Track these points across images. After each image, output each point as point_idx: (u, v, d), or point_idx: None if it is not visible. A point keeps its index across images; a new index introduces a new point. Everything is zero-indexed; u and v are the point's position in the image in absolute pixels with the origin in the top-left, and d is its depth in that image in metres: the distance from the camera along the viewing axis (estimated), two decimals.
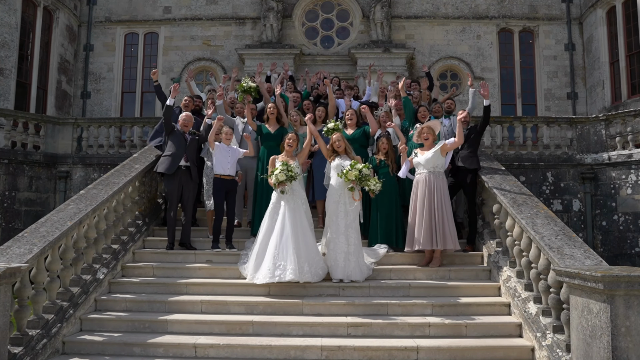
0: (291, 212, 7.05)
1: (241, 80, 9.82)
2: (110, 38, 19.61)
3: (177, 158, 8.06)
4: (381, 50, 17.95)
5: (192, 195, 8.25)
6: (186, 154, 8.12)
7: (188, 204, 8.19)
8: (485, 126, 8.43)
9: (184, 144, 8.15)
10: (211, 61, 19.21)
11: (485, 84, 8.28)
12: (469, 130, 8.31)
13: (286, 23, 18.95)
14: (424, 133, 7.74)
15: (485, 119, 8.34)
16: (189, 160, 8.16)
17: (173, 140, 8.19)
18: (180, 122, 8.31)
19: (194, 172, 8.20)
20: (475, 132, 8.29)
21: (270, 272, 6.79)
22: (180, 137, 8.18)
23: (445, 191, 7.53)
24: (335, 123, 7.98)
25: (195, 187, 8.33)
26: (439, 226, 7.36)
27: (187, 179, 8.15)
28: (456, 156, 8.28)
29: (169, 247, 8.07)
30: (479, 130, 8.32)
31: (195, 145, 8.37)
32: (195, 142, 8.34)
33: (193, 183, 8.24)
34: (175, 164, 8.03)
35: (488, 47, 18.77)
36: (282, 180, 7.01)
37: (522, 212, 6.64)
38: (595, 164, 12.50)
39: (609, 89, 17.34)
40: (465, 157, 8.16)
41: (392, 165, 8.06)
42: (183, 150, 8.11)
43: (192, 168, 8.17)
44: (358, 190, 7.08)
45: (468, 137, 8.24)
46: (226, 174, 8.07)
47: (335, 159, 7.41)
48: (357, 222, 7.25)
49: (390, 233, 7.97)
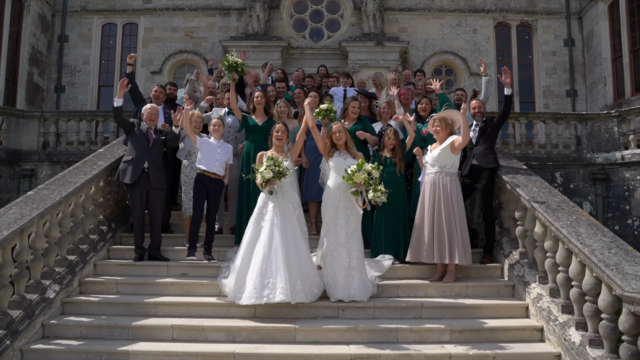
0: (281, 218, 5.80)
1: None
2: (86, 28, 18.14)
3: (139, 163, 6.75)
4: (373, 43, 16.75)
5: (160, 202, 6.94)
6: (148, 156, 6.80)
7: (155, 213, 6.89)
8: (504, 119, 7.22)
9: (146, 145, 6.85)
10: (194, 54, 17.84)
11: (507, 70, 7.11)
12: (484, 123, 7.11)
13: (273, 14, 17.65)
14: (434, 125, 6.53)
15: (506, 111, 7.14)
16: (152, 163, 6.82)
17: (133, 142, 6.88)
18: (145, 115, 6.99)
19: (155, 178, 6.82)
20: (493, 125, 7.09)
21: (257, 292, 5.53)
22: (142, 138, 6.87)
23: (457, 196, 6.32)
24: (329, 105, 6.64)
25: (162, 193, 7.01)
26: (448, 238, 6.16)
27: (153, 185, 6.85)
28: (470, 153, 7.08)
29: (137, 258, 6.77)
30: (497, 123, 7.12)
31: (161, 144, 7.03)
32: (161, 142, 7.00)
33: (159, 190, 6.92)
34: (137, 171, 6.73)
35: (484, 41, 17.65)
36: (269, 179, 5.76)
37: (559, 218, 5.45)
38: (607, 163, 11.42)
39: (611, 86, 16.29)
40: (481, 154, 6.96)
41: (400, 163, 6.84)
42: (145, 152, 6.81)
43: (152, 173, 6.81)
44: (364, 197, 5.84)
45: (484, 131, 7.05)
46: (212, 171, 6.78)
47: (333, 155, 6.15)
48: (359, 231, 6.01)
49: (397, 242, 6.75)
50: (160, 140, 6.94)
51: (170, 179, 7.66)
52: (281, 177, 5.79)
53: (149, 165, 6.76)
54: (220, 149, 6.85)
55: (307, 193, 7.47)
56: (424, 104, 7.64)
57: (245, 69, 7.47)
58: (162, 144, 6.99)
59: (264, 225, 5.83)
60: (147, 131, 6.89)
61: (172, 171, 7.62)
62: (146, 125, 6.90)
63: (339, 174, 5.93)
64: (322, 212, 6.13)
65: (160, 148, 6.98)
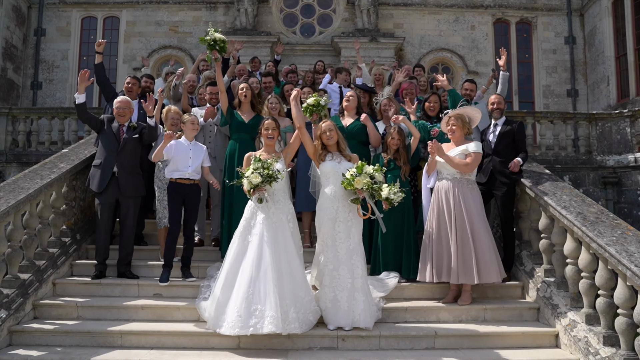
0: (272, 232, 4.87)
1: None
2: (64, 22, 17.03)
3: (107, 168, 5.83)
4: (367, 39, 15.84)
5: (133, 212, 5.98)
6: (117, 160, 5.86)
7: (126, 224, 5.94)
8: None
9: (115, 146, 5.90)
10: (178, 49, 16.83)
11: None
12: (505, 124, 6.18)
13: (262, 8, 16.69)
14: (449, 124, 5.63)
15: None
16: (123, 167, 5.88)
17: (103, 143, 5.95)
18: (115, 110, 6.04)
19: (126, 184, 5.89)
20: (515, 124, 6.17)
21: (242, 320, 4.60)
22: (111, 138, 5.93)
23: (476, 206, 5.42)
24: (316, 99, 5.61)
25: (136, 202, 6.05)
26: (476, 254, 5.26)
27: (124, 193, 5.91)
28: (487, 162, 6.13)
29: (96, 275, 5.81)
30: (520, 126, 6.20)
31: (135, 144, 6.06)
32: (135, 141, 6.03)
33: (133, 198, 5.97)
34: (106, 177, 5.81)
35: (483, 38, 16.81)
36: (257, 184, 4.83)
37: (602, 234, 4.57)
38: (618, 166, 10.62)
39: (614, 86, 15.52)
40: (501, 165, 6.04)
41: (405, 167, 5.94)
42: (114, 155, 5.87)
43: (124, 178, 5.87)
44: (368, 203, 4.92)
45: (505, 136, 6.10)
46: (185, 177, 5.83)
47: (325, 159, 5.18)
48: (362, 245, 5.09)
49: (401, 257, 5.84)
50: (133, 139, 5.97)
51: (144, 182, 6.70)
52: (272, 181, 4.87)
53: (119, 170, 5.82)
54: (193, 150, 5.89)
55: (300, 201, 6.54)
56: (432, 102, 6.66)
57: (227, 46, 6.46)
58: (136, 143, 6.02)
59: (252, 241, 4.89)
60: (119, 129, 5.94)
61: (146, 175, 6.67)
62: (116, 125, 5.95)
63: (335, 181, 5.00)
64: (316, 225, 5.19)
65: (135, 148, 6.02)
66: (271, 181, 4.86)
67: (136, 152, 6.04)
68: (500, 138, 6.05)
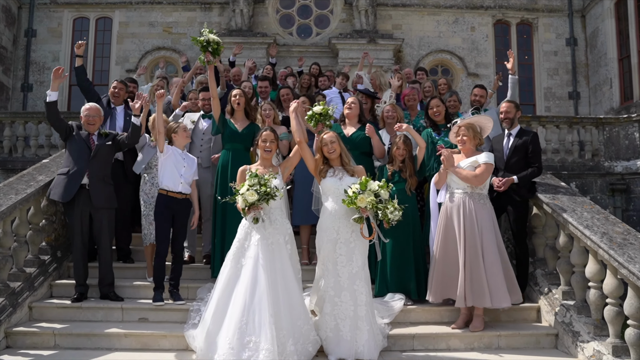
0: (269, 256, 4.39)
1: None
2: (56, 23, 16.48)
3: (76, 178, 5.32)
4: (366, 40, 15.35)
5: (107, 226, 5.46)
6: (89, 168, 5.35)
7: (101, 240, 5.43)
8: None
9: (86, 154, 5.40)
10: (172, 51, 16.29)
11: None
12: (519, 135, 5.68)
13: (258, 9, 16.18)
14: (459, 134, 5.15)
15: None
16: (94, 177, 5.37)
17: (71, 150, 5.44)
18: (84, 118, 5.54)
19: (98, 195, 5.36)
20: (529, 136, 5.67)
21: (234, 353, 4.12)
22: (82, 145, 5.43)
23: (489, 223, 4.93)
24: (324, 107, 5.17)
25: (109, 214, 5.52)
26: (488, 276, 4.78)
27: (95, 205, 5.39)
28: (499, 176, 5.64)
29: (76, 298, 5.31)
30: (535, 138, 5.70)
31: (108, 152, 5.56)
32: (107, 148, 5.53)
33: (105, 210, 5.46)
34: (72, 187, 5.29)
35: (483, 40, 16.34)
36: (253, 203, 4.34)
37: (632, 259, 4.10)
38: (626, 173, 10.18)
39: (617, 88, 15.07)
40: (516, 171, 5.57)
41: (411, 180, 5.45)
42: (85, 163, 5.36)
43: (95, 189, 5.36)
44: (371, 222, 4.43)
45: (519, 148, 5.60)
46: (177, 190, 5.33)
47: (326, 175, 4.67)
48: (366, 268, 4.59)
49: (406, 277, 5.36)
50: (105, 146, 5.46)
51: (130, 194, 6.22)
52: (269, 199, 4.38)
53: (90, 180, 5.31)
54: (186, 161, 5.40)
55: (297, 214, 6.06)
56: (434, 107, 5.98)
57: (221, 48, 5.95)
58: (109, 150, 5.52)
59: (246, 264, 4.40)
60: (88, 137, 5.44)
61: (132, 186, 6.17)
62: (85, 132, 5.46)
63: (336, 199, 4.51)
64: (317, 246, 4.70)
65: (108, 156, 5.53)
66: (268, 199, 4.38)
67: (108, 160, 5.56)
68: (514, 151, 5.55)
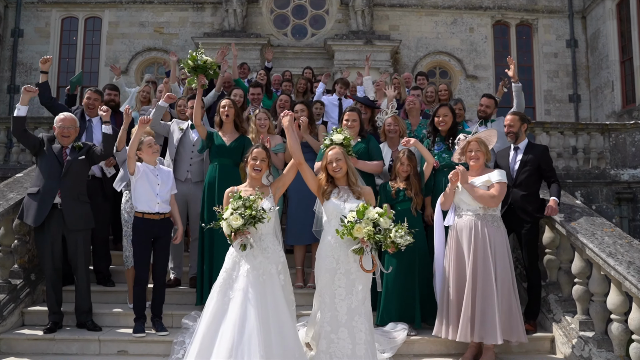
0: (260, 289, 3.90)
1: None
2: (44, 22, 15.99)
3: (47, 197, 4.81)
4: (362, 42, 14.92)
5: (83, 249, 4.94)
6: (61, 186, 4.86)
7: (77, 265, 4.92)
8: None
9: (57, 171, 4.89)
10: (164, 52, 15.77)
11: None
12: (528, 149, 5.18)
13: (252, 9, 15.71)
14: (470, 150, 4.68)
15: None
16: (67, 195, 4.87)
17: (41, 166, 4.94)
18: (58, 130, 5.02)
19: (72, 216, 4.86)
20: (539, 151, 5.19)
21: None
22: (53, 161, 4.92)
23: (503, 249, 4.46)
24: (346, 135, 4.67)
25: (85, 235, 5.02)
26: (500, 310, 4.32)
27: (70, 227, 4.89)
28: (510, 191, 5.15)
29: (48, 329, 4.81)
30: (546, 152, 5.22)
31: (82, 167, 5.03)
32: (81, 163, 5.01)
33: (81, 232, 4.95)
34: (44, 209, 4.78)
35: (482, 41, 15.93)
36: (238, 228, 3.88)
37: None
38: (633, 181, 9.74)
39: (619, 91, 14.70)
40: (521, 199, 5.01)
41: (417, 198, 4.98)
42: (56, 181, 4.87)
43: (69, 209, 4.86)
44: (371, 254, 3.95)
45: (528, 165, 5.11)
46: (154, 211, 4.85)
47: (330, 196, 4.17)
48: (368, 303, 4.10)
49: (410, 304, 4.89)
50: (78, 161, 4.95)
51: (110, 212, 5.74)
52: (255, 222, 3.92)
53: (63, 199, 4.82)
54: (161, 177, 4.90)
55: (291, 233, 5.59)
56: (442, 116, 5.41)
57: (218, 70, 5.47)
58: (82, 165, 5.01)
59: (234, 297, 3.92)
60: (61, 151, 4.95)
61: (111, 204, 5.69)
62: (58, 146, 4.96)
63: (338, 223, 4.03)
64: (315, 274, 4.23)
65: (82, 172, 5.01)
66: (255, 223, 3.91)
67: (82, 176, 5.04)
68: (523, 166, 5.07)
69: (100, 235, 5.66)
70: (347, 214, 3.92)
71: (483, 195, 4.44)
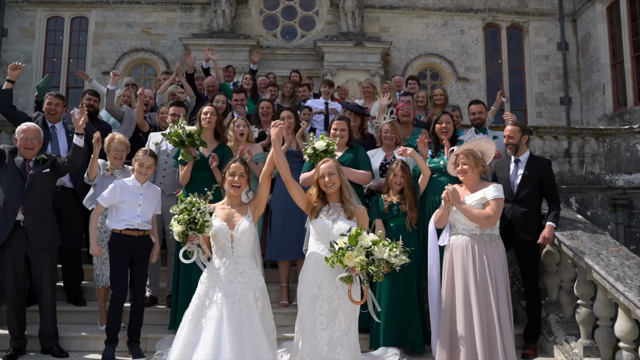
0: (234, 317, 3.48)
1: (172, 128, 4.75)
2: (28, 22, 15.41)
3: (8, 214, 4.36)
4: (352, 43, 14.49)
5: (49, 269, 4.49)
6: (24, 202, 4.40)
7: (42, 286, 4.47)
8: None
9: (19, 185, 4.43)
10: (151, 52, 15.31)
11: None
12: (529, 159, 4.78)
13: (241, 10, 15.23)
14: (458, 162, 4.27)
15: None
16: (31, 212, 4.42)
17: (1, 180, 4.46)
18: (20, 141, 4.57)
19: (37, 234, 4.41)
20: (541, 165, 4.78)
21: None
22: (15, 174, 4.46)
23: (501, 271, 4.05)
24: (329, 141, 4.34)
25: (51, 254, 4.57)
26: (492, 335, 3.92)
27: (34, 245, 4.44)
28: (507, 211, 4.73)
29: (9, 355, 4.34)
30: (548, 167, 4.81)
31: (47, 181, 4.57)
32: (45, 176, 4.54)
33: (46, 251, 4.50)
34: (6, 227, 4.34)
35: (473, 44, 15.55)
36: (182, 232, 3.51)
37: None
38: (628, 187, 9.38)
39: (610, 94, 14.37)
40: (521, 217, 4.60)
41: (412, 213, 4.57)
42: (19, 196, 4.40)
43: (32, 227, 4.40)
44: (360, 284, 3.50)
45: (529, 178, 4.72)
46: (133, 228, 4.40)
47: (319, 214, 3.69)
48: (354, 333, 3.65)
49: (405, 327, 4.48)
50: (43, 175, 4.49)
51: (81, 225, 5.28)
52: (200, 228, 3.50)
53: (26, 216, 4.37)
54: (144, 195, 4.46)
55: (274, 248, 5.16)
56: (444, 123, 4.98)
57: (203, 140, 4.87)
58: (48, 179, 4.55)
59: (207, 327, 3.49)
60: (24, 164, 4.49)
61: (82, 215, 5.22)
62: (21, 159, 4.51)
63: (324, 244, 3.60)
64: (298, 298, 3.77)
65: (46, 186, 4.56)
66: (197, 227, 3.48)
67: (48, 190, 4.58)
68: (525, 182, 4.66)
69: (71, 249, 5.21)
70: (336, 235, 3.49)
71: (478, 216, 4.02)
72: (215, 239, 3.63)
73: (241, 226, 3.62)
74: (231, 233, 3.60)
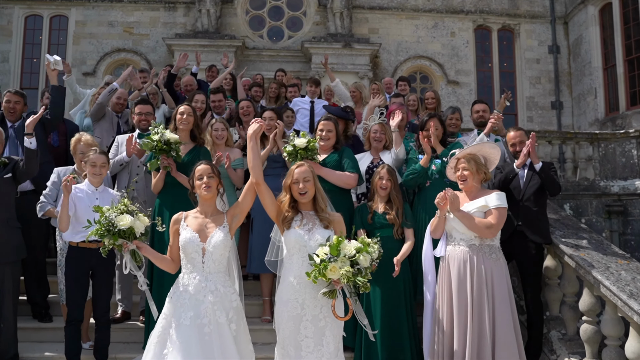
0: (204, 342, 3.11)
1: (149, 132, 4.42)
2: (6, 20, 14.91)
3: None
4: (341, 45, 14.18)
5: (11, 285, 4.07)
6: None
7: (3, 304, 4.05)
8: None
9: None
10: (134, 53, 14.87)
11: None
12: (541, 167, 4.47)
13: (226, 10, 14.86)
14: (457, 167, 3.94)
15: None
16: None
17: None
18: None
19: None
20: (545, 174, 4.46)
21: None
22: None
23: (503, 286, 3.73)
24: (310, 138, 4.06)
25: (14, 269, 4.16)
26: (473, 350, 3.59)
27: None
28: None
29: None
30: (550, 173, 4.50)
31: (8, 187, 4.17)
32: (5, 182, 4.13)
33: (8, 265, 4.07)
34: None
35: (463, 46, 15.30)
36: (111, 244, 3.24)
37: None
38: (623, 193, 9.13)
39: (602, 98, 14.19)
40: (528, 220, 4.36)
41: (398, 221, 4.22)
42: None
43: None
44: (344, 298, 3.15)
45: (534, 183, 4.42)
46: (91, 239, 3.98)
47: (292, 224, 3.29)
48: (341, 355, 3.28)
49: (396, 345, 4.13)
50: (3, 181, 4.10)
51: (47, 234, 4.89)
52: (130, 237, 3.20)
53: None
54: (101, 200, 4.04)
55: (255, 259, 4.79)
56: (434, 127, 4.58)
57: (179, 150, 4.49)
58: (9, 185, 4.17)
59: (173, 352, 3.11)
60: None
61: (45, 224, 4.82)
62: None
63: (301, 260, 3.23)
64: (275, 321, 3.41)
65: (8, 192, 4.17)
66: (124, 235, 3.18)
67: (9, 197, 4.20)
68: (530, 179, 4.38)
69: (35, 260, 4.80)
70: (314, 247, 3.13)
71: (478, 225, 3.70)
72: (184, 251, 3.25)
73: (214, 238, 3.25)
74: (203, 246, 3.22)
